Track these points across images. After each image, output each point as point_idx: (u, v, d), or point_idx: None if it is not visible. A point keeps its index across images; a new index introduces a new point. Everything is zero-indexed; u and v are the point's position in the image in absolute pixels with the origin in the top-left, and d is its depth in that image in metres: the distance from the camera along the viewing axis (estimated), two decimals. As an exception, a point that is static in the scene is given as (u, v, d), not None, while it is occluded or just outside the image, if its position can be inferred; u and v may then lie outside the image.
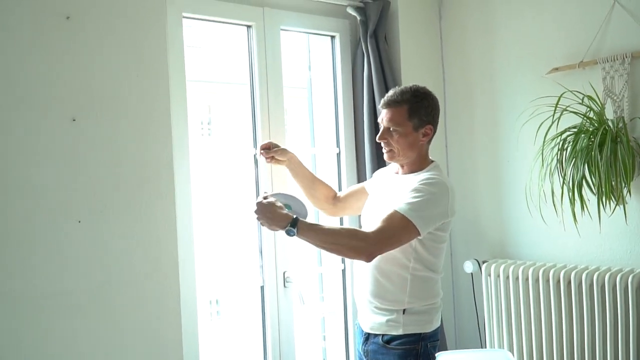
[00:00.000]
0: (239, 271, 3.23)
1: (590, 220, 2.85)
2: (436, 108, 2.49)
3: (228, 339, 6.08)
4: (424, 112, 2.45)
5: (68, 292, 2.38)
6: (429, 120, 2.46)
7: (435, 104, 2.49)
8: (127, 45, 2.55)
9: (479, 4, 3.52)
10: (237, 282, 3.59)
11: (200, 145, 3.00)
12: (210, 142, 6.94)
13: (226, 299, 6.39)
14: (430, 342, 2.43)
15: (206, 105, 7.03)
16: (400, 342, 2.40)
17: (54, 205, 2.36)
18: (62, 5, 2.39)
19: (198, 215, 2.88)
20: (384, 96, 2.54)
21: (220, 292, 6.42)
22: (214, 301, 6.64)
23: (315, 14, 3.34)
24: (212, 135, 6.96)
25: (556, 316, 3.04)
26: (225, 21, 3.08)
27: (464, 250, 3.64)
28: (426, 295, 2.43)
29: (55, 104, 2.37)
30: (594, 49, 3.02)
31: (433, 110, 2.47)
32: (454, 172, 3.68)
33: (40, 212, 2.33)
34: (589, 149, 2.79)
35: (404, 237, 2.30)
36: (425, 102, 2.46)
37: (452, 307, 3.70)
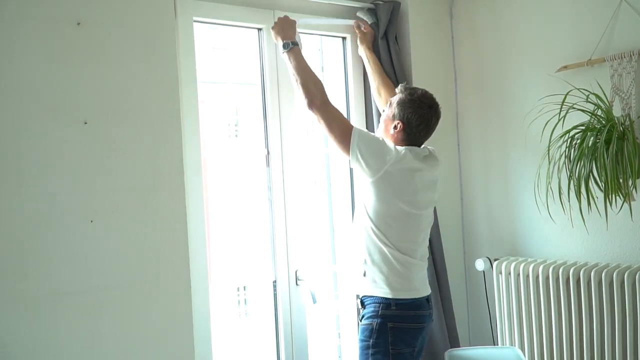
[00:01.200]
0: (259, 267, 3.28)
1: (599, 217, 2.85)
2: (415, 113, 2.72)
3: (256, 339, 6.16)
4: (403, 109, 2.72)
5: (80, 291, 2.42)
6: (402, 118, 2.72)
7: (415, 110, 2.72)
8: (137, 50, 2.59)
9: (490, 3, 3.54)
10: (258, 279, 3.63)
11: (227, 146, 3.08)
12: (237, 143, 7.03)
13: (253, 299, 6.47)
14: (390, 321, 2.61)
15: (234, 107, 7.12)
16: (366, 312, 2.69)
17: (66, 206, 2.40)
18: (73, 12, 2.44)
19: (220, 213, 2.96)
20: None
21: (247, 292, 6.52)
22: (242, 301, 6.72)
23: (326, 16, 3.38)
24: (239, 137, 7.04)
25: (566, 313, 3.06)
26: (236, 24, 3.13)
27: (475, 249, 3.67)
28: (380, 265, 2.67)
29: (66, 107, 2.42)
30: (602, 47, 3.03)
31: (410, 114, 2.71)
32: (465, 170, 3.71)
33: (53, 212, 2.37)
34: (596, 146, 2.79)
35: (339, 124, 2.69)
36: (409, 103, 2.71)
37: (466, 305, 3.73)
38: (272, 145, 3.16)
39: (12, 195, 2.30)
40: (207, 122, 6.64)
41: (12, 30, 2.32)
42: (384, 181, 2.63)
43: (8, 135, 2.30)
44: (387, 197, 2.64)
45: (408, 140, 2.74)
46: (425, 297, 2.74)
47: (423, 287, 2.75)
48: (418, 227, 2.72)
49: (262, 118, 3.18)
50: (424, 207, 2.72)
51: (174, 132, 2.68)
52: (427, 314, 2.71)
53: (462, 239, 3.73)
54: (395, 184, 2.63)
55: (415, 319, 2.66)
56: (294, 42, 2.85)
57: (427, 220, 2.78)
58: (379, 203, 2.65)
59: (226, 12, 3.05)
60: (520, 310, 3.23)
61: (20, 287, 2.31)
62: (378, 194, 2.64)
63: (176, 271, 2.67)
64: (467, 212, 3.73)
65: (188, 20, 2.91)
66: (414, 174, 2.65)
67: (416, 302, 2.67)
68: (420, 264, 2.74)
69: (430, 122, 2.75)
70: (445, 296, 3.39)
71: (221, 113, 6.99)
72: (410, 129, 2.73)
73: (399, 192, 2.64)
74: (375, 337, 2.62)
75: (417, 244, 2.72)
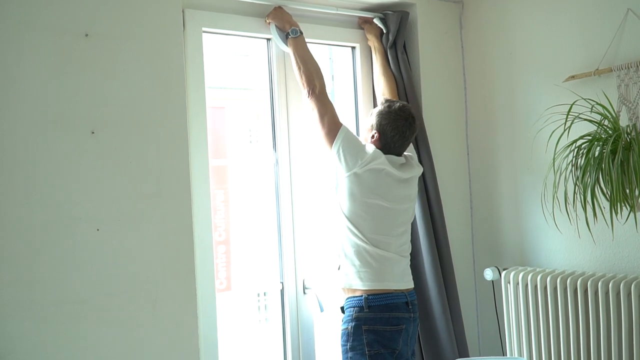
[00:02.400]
0: (273, 275, 3.31)
1: (605, 228, 2.84)
2: (390, 125, 2.86)
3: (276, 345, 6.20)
4: (380, 120, 2.88)
5: (86, 299, 2.44)
6: (377, 129, 2.89)
7: (390, 122, 2.87)
8: (145, 61, 2.62)
9: (499, 13, 3.55)
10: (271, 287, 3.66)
11: (248, 153, 3.13)
12: (257, 148, 7.08)
13: (274, 305, 6.50)
14: (364, 324, 2.69)
15: (255, 112, 7.17)
16: (343, 317, 2.79)
17: (73, 214, 2.43)
18: (81, 24, 2.48)
19: (241, 219, 3.00)
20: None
21: (268, 297, 6.55)
22: (262, 307, 6.76)
23: (335, 26, 3.41)
24: (259, 142, 7.09)
25: (573, 324, 3.04)
26: (244, 35, 3.16)
27: (484, 258, 3.66)
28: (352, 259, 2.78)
29: (74, 117, 2.45)
30: (609, 57, 3.02)
31: (386, 125, 2.87)
32: (475, 179, 3.71)
33: (60, 220, 2.40)
34: (602, 156, 2.78)
35: (330, 118, 2.84)
36: (386, 115, 2.87)
37: (475, 315, 3.72)
38: (280, 153, 3.19)
39: (20, 203, 2.34)
40: (228, 128, 6.72)
41: (21, 41, 2.36)
42: (354, 180, 2.76)
43: (17, 144, 2.34)
44: (359, 193, 2.77)
45: (384, 150, 2.86)
46: (404, 299, 2.78)
47: (400, 280, 2.81)
48: (393, 220, 2.82)
49: (271, 126, 3.22)
50: (397, 201, 2.82)
51: (181, 141, 2.71)
52: (405, 316, 2.75)
53: (472, 247, 3.72)
54: (365, 182, 2.76)
55: (391, 322, 2.70)
56: (299, 29, 3.01)
57: (404, 215, 2.87)
58: (351, 198, 2.78)
59: (235, 23, 3.08)
60: (528, 320, 3.22)
61: (27, 295, 2.34)
62: (351, 189, 2.77)
63: (182, 280, 2.69)
64: (477, 222, 3.73)
65: (197, 31, 2.94)
66: (382, 172, 2.77)
67: (390, 304, 2.72)
68: (396, 257, 2.81)
69: (405, 134, 2.88)
70: (454, 305, 3.38)
71: (243, 119, 7.05)
72: (385, 139, 2.87)
73: (369, 188, 2.77)
74: (352, 340, 2.71)
75: (391, 237, 2.80)
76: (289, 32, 3.00)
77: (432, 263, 3.30)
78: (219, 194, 6.14)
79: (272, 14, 3.08)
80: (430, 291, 3.31)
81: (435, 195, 3.35)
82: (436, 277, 3.30)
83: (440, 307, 3.30)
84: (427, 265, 3.31)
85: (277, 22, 3.06)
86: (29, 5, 2.38)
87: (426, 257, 3.31)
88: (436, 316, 3.31)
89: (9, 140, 2.33)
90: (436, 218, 3.36)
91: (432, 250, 3.32)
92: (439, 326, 3.31)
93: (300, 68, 2.94)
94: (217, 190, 6.01)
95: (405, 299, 2.78)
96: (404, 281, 2.82)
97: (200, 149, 2.90)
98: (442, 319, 3.30)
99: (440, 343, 3.33)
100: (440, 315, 3.30)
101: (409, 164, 2.93)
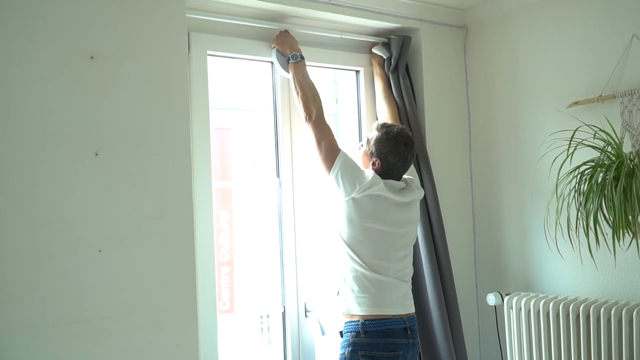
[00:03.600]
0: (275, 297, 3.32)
1: (608, 254, 2.82)
2: (391, 152, 2.87)
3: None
4: (380, 147, 2.88)
5: (87, 319, 2.44)
6: (378, 156, 2.89)
7: (392, 149, 2.87)
8: (150, 83, 2.63)
9: (503, 38, 3.57)
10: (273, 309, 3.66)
11: (252, 174, 3.13)
12: (261, 170, 7.11)
13: (277, 327, 6.49)
14: (361, 349, 2.68)
15: (260, 134, 7.20)
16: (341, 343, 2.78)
17: (75, 235, 2.43)
18: (87, 46, 2.49)
19: (245, 241, 2.99)
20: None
21: (270, 319, 6.53)
22: (265, 329, 6.74)
23: (340, 50, 3.44)
24: (264, 164, 7.11)
25: (575, 350, 3.03)
26: (249, 58, 3.19)
27: (487, 283, 3.66)
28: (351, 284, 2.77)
29: (78, 139, 2.46)
30: (613, 83, 3.04)
31: (387, 152, 2.87)
32: (478, 204, 3.71)
33: (62, 241, 2.40)
34: (604, 182, 2.78)
35: (327, 143, 2.84)
36: (385, 142, 2.87)
37: (478, 340, 3.71)
38: (283, 175, 3.20)
39: (23, 223, 2.34)
40: (233, 149, 6.74)
41: (27, 62, 2.38)
42: (352, 205, 2.76)
43: (20, 165, 2.35)
44: (357, 218, 2.76)
45: (386, 175, 2.86)
46: (403, 325, 2.76)
47: (400, 306, 2.79)
48: (392, 245, 2.81)
49: (274, 148, 3.23)
50: (396, 225, 2.81)
51: (184, 163, 2.70)
52: (403, 342, 2.73)
53: (475, 272, 3.72)
54: (364, 207, 2.76)
55: (388, 347, 2.69)
56: (301, 54, 3.03)
57: (404, 239, 2.86)
58: (349, 223, 2.78)
59: (239, 46, 3.11)
60: (530, 345, 3.21)
61: (29, 315, 2.33)
62: (349, 214, 2.77)
63: (183, 301, 2.67)
64: (479, 246, 3.72)
65: (202, 54, 2.97)
66: (380, 198, 2.77)
67: (387, 330, 2.71)
68: (395, 282, 2.79)
69: (406, 159, 2.90)
70: (456, 330, 3.37)
71: (248, 140, 7.07)
72: (387, 166, 2.88)
73: (367, 213, 2.76)
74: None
75: (390, 261, 2.79)
76: (289, 57, 3.02)
77: (434, 287, 3.30)
78: (224, 215, 6.15)
79: (276, 38, 3.10)
80: (432, 315, 3.30)
81: (438, 219, 3.35)
82: (438, 302, 3.29)
83: (442, 331, 3.28)
84: (429, 289, 3.30)
85: (279, 46, 3.08)
86: (35, 26, 2.40)
87: (428, 281, 3.30)
88: (438, 341, 3.30)
89: (13, 160, 2.34)
90: (438, 242, 3.36)
91: (434, 274, 3.31)
92: (441, 351, 3.29)
93: (299, 93, 2.95)
94: (222, 211, 6.03)
95: (403, 324, 2.76)
96: (404, 306, 2.81)
97: (203, 170, 2.92)
98: (444, 344, 3.28)
99: (443, 368, 3.31)
100: (442, 340, 3.28)
101: (409, 187, 2.93)
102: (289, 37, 3.10)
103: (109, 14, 2.54)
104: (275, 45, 3.10)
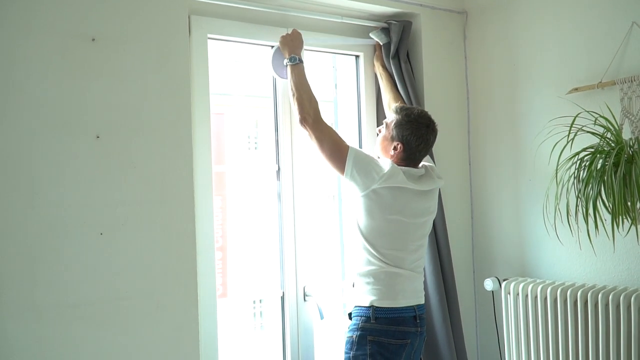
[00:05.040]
0: (273, 281, 3.33)
1: (607, 240, 2.84)
2: (413, 134, 2.78)
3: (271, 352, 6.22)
4: (401, 130, 2.79)
5: (88, 302, 2.45)
6: (400, 139, 2.78)
7: (413, 131, 2.78)
8: (151, 66, 2.63)
9: (503, 24, 3.57)
10: (270, 293, 3.67)
11: (246, 159, 3.10)
12: (256, 156, 7.09)
13: (269, 312, 6.50)
14: (370, 334, 2.66)
15: (254, 119, 7.18)
16: (350, 325, 2.75)
17: (77, 218, 2.44)
18: (88, 28, 2.49)
19: (238, 226, 2.99)
20: None
21: (263, 304, 6.55)
22: (257, 314, 6.76)
23: (339, 34, 3.42)
24: (258, 149, 7.10)
25: (573, 335, 3.05)
26: (250, 42, 3.17)
27: (485, 268, 3.67)
28: (366, 277, 2.73)
29: (80, 121, 2.46)
30: (613, 70, 3.04)
31: (409, 135, 2.78)
32: (476, 189, 3.73)
33: (63, 224, 2.41)
34: (604, 168, 2.79)
35: (330, 142, 2.74)
36: (406, 125, 2.77)
37: (474, 325, 3.73)
38: (283, 161, 3.20)
39: (24, 206, 2.34)
40: (227, 135, 6.72)
41: (28, 44, 2.37)
42: (372, 197, 2.70)
43: (21, 148, 2.35)
44: (376, 211, 2.71)
45: (408, 160, 2.80)
46: (412, 313, 2.74)
47: (411, 297, 2.76)
48: (409, 235, 2.76)
49: (274, 133, 3.22)
50: (415, 216, 2.76)
51: (185, 147, 2.71)
52: (412, 330, 2.72)
53: (472, 258, 3.73)
54: (383, 201, 2.70)
55: (397, 335, 2.68)
56: (300, 58, 2.93)
57: (421, 229, 2.82)
58: (369, 215, 2.72)
59: (240, 30, 3.09)
60: (528, 331, 3.23)
61: (29, 297, 2.34)
62: (367, 207, 2.72)
63: (184, 284, 2.69)
64: (477, 232, 3.73)
65: (202, 37, 2.95)
66: (402, 190, 2.71)
67: (398, 318, 2.70)
68: (410, 274, 2.76)
69: (429, 141, 2.83)
70: (454, 315, 3.39)
71: (242, 125, 7.05)
72: (410, 149, 2.80)
73: (387, 207, 2.71)
74: (355, 350, 2.68)
75: (406, 252, 2.75)
76: (288, 59, 2.92)
77: (433, 272, 3.32)
78: (217, 200, 6.14)
79: (283, 36, 3.01)
80: (431, 300, 3.31)
81: (438, 204, 3.34)
82: (437, 286, 3.31)
83: (440, 316, 3.31)
84: (428, 274, 3.31)
85: (281, 45, 2.99)
86: (35, 8, 2.39)
87: (428, 266, 3.31)
88: (436, 325, 3.32)
89: (14, 144, 2.34)
90: (438, 227, 3.37)
91: (434, 259, 3.33)
92: (439, 335, 3.32)
93: (294, 95, 2.85)
94: (215, 196, 6.04)
95: (413, 312, 2.74)
96: (415, 297, 2.78)
97: (203, 154, 2.91)
98: (442, 328, 3.31)
99: (440, 352, 3.33)
100: (440, 325, 3.30)
101: (429, 175, 2.86)
102: (296, 39, 3.00)
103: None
104: (277, 43, 3.03)
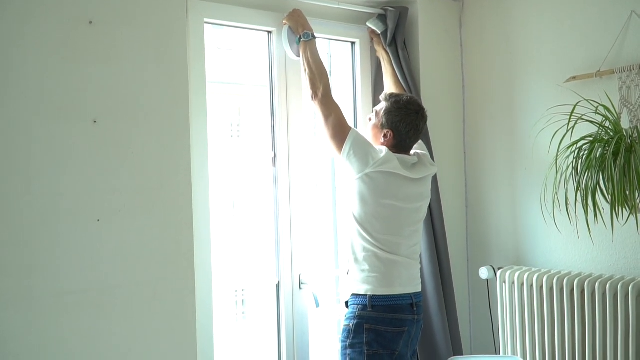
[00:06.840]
0: (260, 270, 3.31)
1: (605, 229, 2.84)
2: (402, 121, 2.80)
3: (254, 340, 6.18)
4: (391, 118, 2.81)
5: (84, 290, 2.42)
6: (390, 127, 2.81)
7: (403, 118, 2.80)
8: (148, 50, 2.59)
9: (500, 12, 3.55)
10: (258, 282, 3.65)
11: (229, 147, 3.07)
12: (239, 143, 7.04)
13: (251, 300, 6.46)
14: (367, 322, 2.67)
15: (236, 107, 7.12)
16: (346, 313, 2.76)
17: (73, 204, 2.40)
18: (85, 11, 2.44)
19: (219, 213, 2.96)
20: None
21: (245, 292, 6.51)
22: (239, 302, 6.72)
23: (335, 20, 3.39)
24: (241, 137, 7.04)
25: (569, 324, 3.05)
26: (246, 27, 3.14)
27: (479, 256, 3.67)
28: (362, 264, 2.73)
29: (76, 106, 2.42)
30: (611, 58, 3.03)
31: (399, 122, 2.80)
32: (471, 178, 3.72)
33: (60, 210, 2.37)
34: (603, 157, 2.79)
35: (335, 120, 2.77)
36: (396, 112, 2.80)
37: (468, 313, 3.73)
38: (279, 148, 3.16)
39: (20, 192, 2.30)
40: (209, 122, 6.66)
41: (24, 28, 2.32)
42: (366, 181, 2.71)
43: (17, 132, 2.30)
44: (370, 196, 2.72)
45: (399, 147, 2.82)
46: (409, 300, 2.74)
47: (408, 285, 2.77)
48: (404, 220, 2.77)
49: (270, 120, 3.19)
50: (409, 201, 2.77)
51: (183, 133, 2.68)
52: (409, 318, 2.72)
53: (467, 246, 3.73)
54: (377, 186, 2.71)
55: (394, 323, 2.68)
56: (313, 33, 2.98)
57: (416, 214, 2.83)
58: (362, 200, 2.73)
59: (237, 15, 3.06)
60: (523, 319, 3.23)
61: (25, 285, 2.31)
62: (361, 192, 2.73)
63: (181, 272, 2.66)
64: (471, 220, 3.73)
65: (199, 22, 2.91)
66: (396, 176, 2.72)
67: (394, 306, 2.70)
68: (406, 261, 2.77)
69: (419, 127, 2.85)
70: (450, 303, 3.40)
71: (224, 113, 6.98)
72: (400, 136, 2.82)
73: (381, 191, 2.72)
74: (352, 338, 2.69)
75: (401, 237, 2.76)
76: (301, 36, 2.97)
77: (430, 259, 3.31)
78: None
79: (288, 16, 3.06)
80: (427, 287, 3.31)
81: (435, 193, 3.34)
82: (434, 274, 3.31)
83: (436, 304, 3.31)
84: (424, 262, 3.31)
85: (291, 24, 3.04)
86: (33, -10, 2.34)
87: (424, 253, 3.30)
88: (432, 313, 3.32)
89: (9, 129, 2.29)
90: (435, 215, 3.36)
91: (431, 247, 3.33)
92: (434, 323, 3.32)
93: (306, 70, 2.91)
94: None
95: (410, 300, 2.74)
96: (412, 285, 2.78)
97: (200, 141, 2.88)
98: (437, 316, 3.31)
99: (435, 340, 3.33)
100: (436, 312, 3.30)
101: (422, 163, 2.88)
102: (302, 16, 3.05)
103: (108, -23, 2.49)
104: (287, 22, 3.05)
